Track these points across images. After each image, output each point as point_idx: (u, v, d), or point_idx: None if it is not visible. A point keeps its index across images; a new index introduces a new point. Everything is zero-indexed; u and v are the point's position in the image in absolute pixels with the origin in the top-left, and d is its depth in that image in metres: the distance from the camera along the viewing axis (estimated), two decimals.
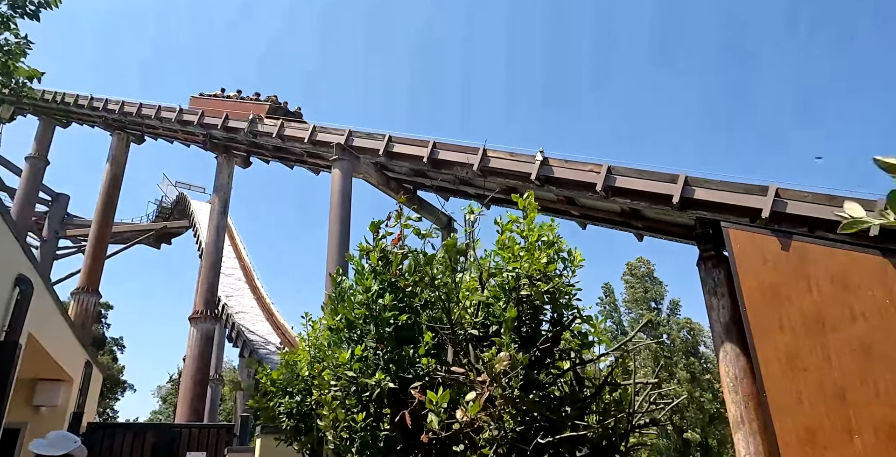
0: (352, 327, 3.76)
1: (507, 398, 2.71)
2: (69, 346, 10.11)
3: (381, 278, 3.75)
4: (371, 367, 3.52)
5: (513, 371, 2.71)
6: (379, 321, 3.57)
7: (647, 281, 45.65)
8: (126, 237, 46.39)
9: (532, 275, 3.13)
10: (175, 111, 27.40)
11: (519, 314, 3.22)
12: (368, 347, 3.60)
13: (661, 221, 16.67)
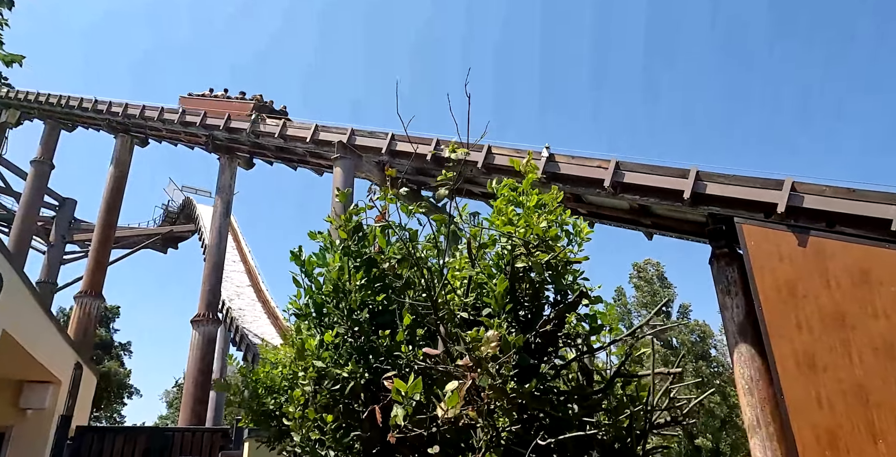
0: (321, 312, 3.29)
1: (497, 390, 2.22)
2: (55, 346, 9.71)
3: (353, 254, 3.27)
4: (344, 356, 3.04)
5: (504, 355, 2.22)
6: (350, 304, 3.09)
7: (656, 283, 44.76)
8: (133, 242, 46.34)
9: (530, 241, 2.65)
10: (178, 113, 27.21)
11: (516, 294, 2.75)
12: (340, 334, 3.12)
13: (671, 217, 16.13)
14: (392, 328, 3.00)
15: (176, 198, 48.26)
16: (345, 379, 2.92)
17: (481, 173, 17.65)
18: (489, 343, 2.20)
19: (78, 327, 25.11)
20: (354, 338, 3.06)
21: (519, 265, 2.70)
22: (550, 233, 2.71)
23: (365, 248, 3.30)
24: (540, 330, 2.72)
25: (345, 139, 20.56)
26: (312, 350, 3.07)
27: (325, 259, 3.30)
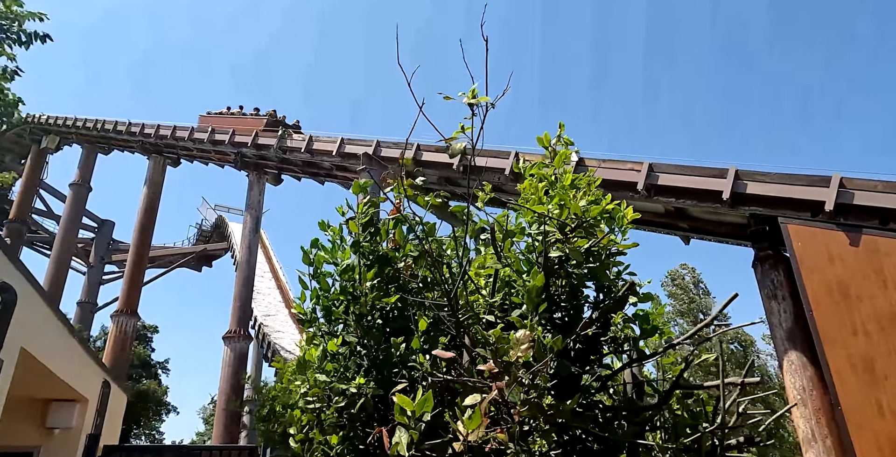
0: (330, 317, 2.91)
1: (532, 406, 1.80)
2: (80, 364, 9.58)
3: (363, 250, 2.89)
4: (352, 369, 2.65)
5: (539, 363, 1.80)
6: (360, 306, 2.70)
7: (693, 290, 42.96)
8: (168, 261, 47.16)
9: (566, 223, 2.23)
10: (206, 132, 27.62)
11: (551, 292, 2.33)
12: (348, 342, 2.73)
13: (709, 220, 15.41)
14: (407, 335, 2.60)
15: (209, 217, 49.08)
16: (353, 395, 2.52)
17: (509, 180, 17.21)
18: (519, 346, 1.78)
19: (115, 345, 25.38)
20: (366, 347, 2.67)
21: (553, 254, 2.27)
22: (592, 212, 2.28)
23: (378, 244, 2.92)
24: (581, 333, 2.28)
25: (370, 151, 20.44)
26: (314, 362, 2.69)
27: (336, 256, 2.93)
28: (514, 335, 1.83)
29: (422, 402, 1.67)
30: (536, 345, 1.82)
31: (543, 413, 1.81)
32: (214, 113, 29.76)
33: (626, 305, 2.45)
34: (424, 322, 2.43)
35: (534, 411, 1.80)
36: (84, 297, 43.04)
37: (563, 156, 2.45)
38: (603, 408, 2.40)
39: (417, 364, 2.34)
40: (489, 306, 2.45)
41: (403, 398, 1.66)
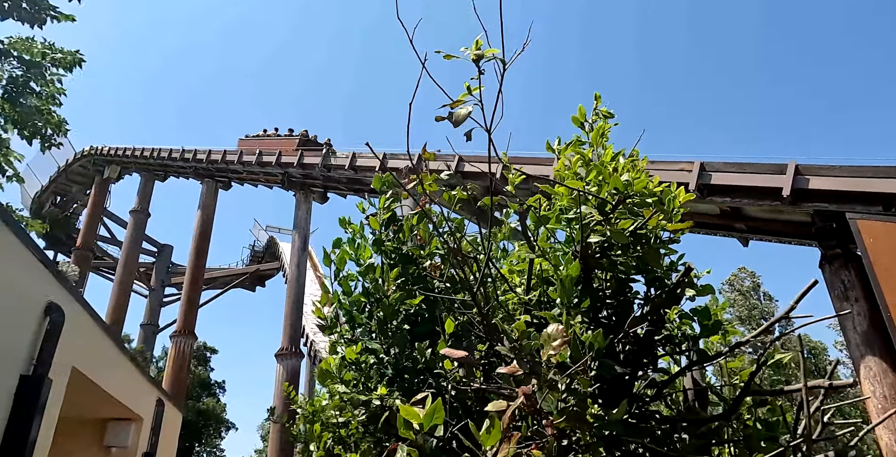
0: (353, 323, 2.69)
1: (572, 416, 1.51)
2: (133, 383, 9.72)
3: (385, 248, 2.68)
4: (374, 378, 2.42)
5: (577, 363, 1.51)
6: (382, 309, 2.48)
7: (753, 295, 40.58)
8: (223, 282, 48.53)
9: (606, 201, 1.93)
10: (254, 155, 28.40)
11: (592, 286, 2.04)
12: (370, 349, 2.50)
13: (769, 219, 14.57)
14: (434, 339, 2.36)
15: (261, 238, 50.35)
16: (376, 407, 2.29)
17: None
18: (550, 343, 1.50)
19: (174, 365, 26.11)
20: (389, 354, 2.44)
21: (593, 240, 1.99)
22: (636, 186, 1.98)
23: (400, 243, 2.71)
24: (630, 332, 1.97)
25: (412, 165, 20.44)
26: (333, 371, 2.48)
27: (356, 253, 2.72)
28: (545, 331, 1.56)
29: (431, 412, 1.37)
30: (573, 342, 1.54)
31: (585, 424, 1.53)
32: (252, 136, 31.08)
33: (682, 299, 2.13)
34: (451, 324, 2.18)
35: (573, 422, 1.51)
36: (147, 319, 44.73)
37: (600, 130, 2.16)
38: (660, 419, 2.08)
39: (443, 371, 2.09)
40: (524, 305, 2.19)
41: (408, 409, 1.39)
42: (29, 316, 5.81)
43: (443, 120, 1.59)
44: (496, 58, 1.55)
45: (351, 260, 2.68)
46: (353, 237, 2.75)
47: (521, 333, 1.55)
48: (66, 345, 6.34)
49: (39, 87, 10.13)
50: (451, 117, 1.57)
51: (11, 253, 5.48)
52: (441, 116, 1.60)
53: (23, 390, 5.63)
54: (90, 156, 38.45)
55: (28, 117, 9.98)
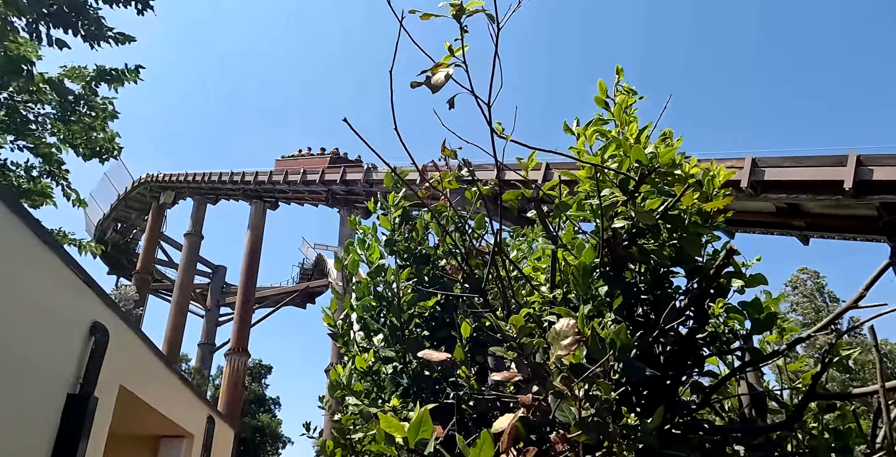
0: (368, 330, 2.52)
1: (592, 427, 1.28)
2: (182, 400, 9.85)
3: (398, 248, 2.50)
4: (387, 389, 2.24)
5: (595, 365, 1.27)
6: (393, 313, 2.30)
7: (818, 298, 38.06)
8: (275, 300, 49.54)
9: (629, 177, 1.69)
10: (299, 174, 28.99)
11: (621, 278, 1.80)
12: (385, 358, 2.32)
13: (830, 215, 13.68)
14: (453, 345, 2.16)
15: (309, 256, 51.25)
16: None
17: None
18: (560, 341, 1.28)
19: (229, 382, 26.65)
20: (404, 362, 2.26)
21: (618, 224, 1.75)
22: (662, 158, 1.73)
23: (414, 243, 2.54)
24: (669, 330, 1.72)
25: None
26: (341, 381, 2.31)
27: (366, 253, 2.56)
28: (553, 328, 1.34)
29: (417, 424, 1.12)
30: (592, 340, 1.31)
31: (609, 437, 1.29)
32: (288, 156, 32.72)
33: (728, 292, 1.87)
34: (467, 327, 1.98)
35: (594, 434, 1.28)
36: (203, 338, 46.06)
37: (623, 104, 1.93)
38: (710, 428, 1.81)
39: (460, 379, 1.89)
40: (549, 304, 1.97)
41: (388, 419, 1.18)
42: (74, 336, 5.92)
43: (419, 86, 1.42)
44: (484, 11, 1.37)
45: (362, 262, 2.53)
46: (364, 238, 2.60)
47: (520, 330, 1.33)
48: (112, 363, 6.43)
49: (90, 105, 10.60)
50: (428, 83, 1.39)
51: (54, 274, 5.61)
52: (417, 82, 1.42)
53: (70, 409, 5.72)
54: (147, 183, 40.19)
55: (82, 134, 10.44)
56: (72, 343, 5.90)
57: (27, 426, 5.15)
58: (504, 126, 1.63)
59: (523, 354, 1.30)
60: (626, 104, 1.91)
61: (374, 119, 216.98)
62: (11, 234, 4.87)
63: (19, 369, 4.94)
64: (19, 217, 4.94)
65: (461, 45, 1.41)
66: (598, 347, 1.32)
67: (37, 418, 5.29)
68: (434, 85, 1.38)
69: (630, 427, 1.36)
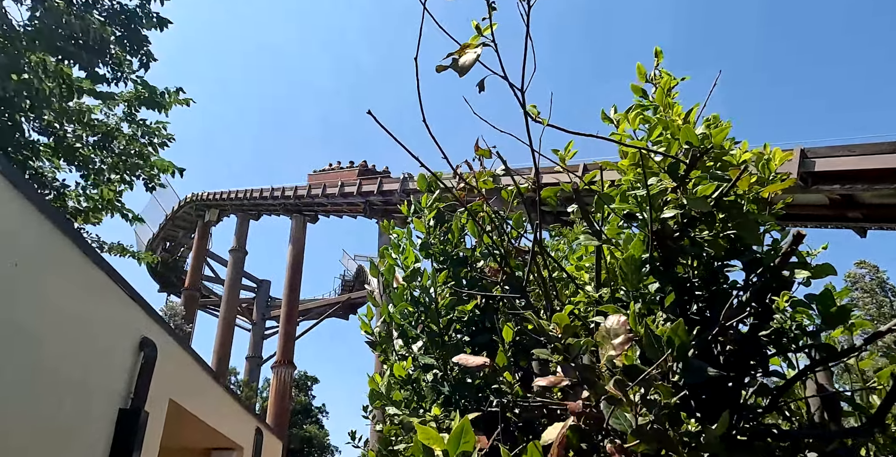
0: (406, 337, 2.43)
1: (651, 435, 1.16)
2: (230, 413, 10.00)
3: (433, 251, 2.42)
4: (428, 398, 2.14)
5: (652, 366, 1.15)
6: (431, 318, 2.20)
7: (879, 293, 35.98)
8: (318, 312, 50.21)
9: (679, 160, 1.56)
10: (337, 186, 29.41)
11: (673, 273, 1.67)
12: (425, 365, 2.23)
13: (889, 205, 12.95)
14: (494, 351, 2.06)
15: (350, 267, 51.79)
16: None
17: None
18: (610, 340, 1.16)
19: (276, 394, 27.04)
20: (443, 369, 2.16)
21: (668, 214, 1.62)
22: (715, 138, 1.59)
23: (450, 245, 2.45)
24: (729, 327, 1.58)
25: None
26: (379, 390, 2.23)
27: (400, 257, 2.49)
28: (602, 326, 1.22)
29: (457, 435, 0.99)
30: (646, 338, 1.19)
31: (670, 445, 1.17)
32: (319, 171, 33.98)
33: (792, 284, 1.71)
34: (510, 331, 1.88)
35: (653, 443, 1.16)
36: (251, 352, 47.00)
37: (665, 86, 1.80)
38: (779, 434, 1.66)
39: (503, 385, 1.79)
40: (595, 305, 1.85)
41: (426, 431, 1.08)
42: (124, 351, 6.07)
43: (445, 70, 1.33)
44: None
45: (397, 267, 2.45)
46: (398, 242, 2.53)
47: (565, 330, 1.21)
48: (161, 378, 6.57)
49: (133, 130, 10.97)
50: (455, 66, 1.31)
51: (104, 291, 5.78)
52: (443, 65, 1.34)
53: (122, 423, 5.86)
54: (192, 202, 41.46)
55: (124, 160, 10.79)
56: (122, 359, 6.04)
57: (82, 441, 5.28)
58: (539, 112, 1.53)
59: (570, 356, 1.20)
60: (668, 87, 1.79)
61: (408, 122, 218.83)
62: (61, 254, 5.03)
63: (72, 386, 5.08)
64: (70, 238, 5.11)
65: (489, 24, 1.33)
66: (654, 346, 1.21)
67: (91, 433, 5.43)
68: (462, 67, 1.30)
69: (692, 434, 1.24)
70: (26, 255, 4.45)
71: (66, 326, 4.98)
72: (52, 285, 4.85)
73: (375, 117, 1.28)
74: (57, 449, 4.81)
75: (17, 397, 4.28)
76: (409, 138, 1.49)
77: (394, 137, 1.27)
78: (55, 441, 4.79)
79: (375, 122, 1.26)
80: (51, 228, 4.76)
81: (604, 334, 1.18)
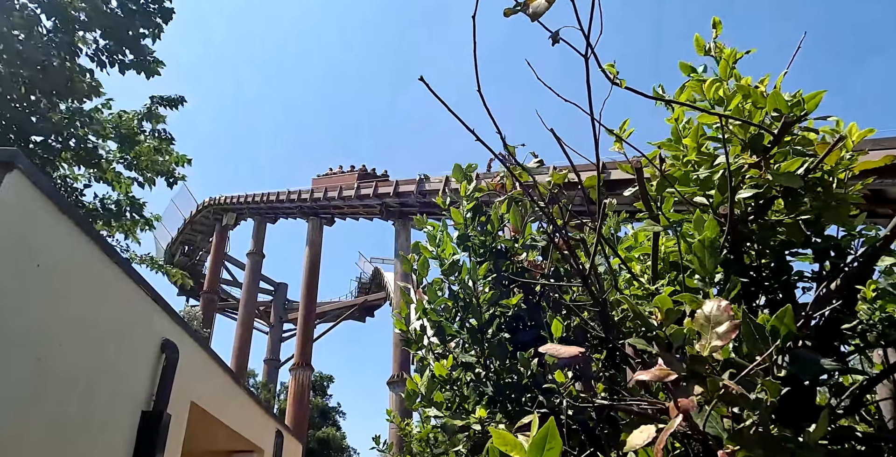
0: (443, 334, 2.29)
1: (754, 440, 1.00)
2: (251, 415, 9.94)
3: (474, 241, 2.27)
4: (471, 398, 2.00)
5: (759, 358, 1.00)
6: (473, 313, 2.06)
7: None
8: (335, 315, 50.32)
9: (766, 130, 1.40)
10: (353, 189, 29.43)
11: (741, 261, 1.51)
12: (464, 363, 2.10)
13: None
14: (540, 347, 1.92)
15: (366, 269, 51.86)
16: (477, 434, 1.86)
17: None
18: (711, 328, 1.01)
19: (294, 396, 27.06)
20: (487, 368, 2.03)
21: (745, 194, 1.45)
22: (808, 104, 1.42)
23: (489, 236, 2.31)
24: (811, 315, 1.42)
25: None
26: (419, 391, 2.09)
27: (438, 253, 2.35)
28: (699, 312, 1.07)
29: (541, 441, 0.86)
30: (745, 327, 1.04)
31: (778, 450, 1.01)
32: (322, 175, 35.21)
33: (873, 274, 1.55)
34: (559, 325, 1.74)
35: (757, 448, 1.00)
36: (269, 354, 47.20)
37: (730, 57, 1.64)
38: (865, 437, 1.50)
39: (554, 386, 1.64)
40: (649, 298, 1.70)
41: (504, 435, 0.94)
42: (146, 354, 6.02)
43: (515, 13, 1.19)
44: None
45: (433, 259, 2.31)
46: (434, 234, 2.40)
47: (667, 314, 1.06)
48: (183, 380, 6.51)
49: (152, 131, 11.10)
50: (525, 8, 1.17)
51: (126, 293, 5.73)
52: (511, 9, 1.20)
53: (145, 425, 5.80)
54: (210, 206, 41.78)
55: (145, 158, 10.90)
56: (144, 361, 5.99)
57: (106, 443, 5.23)
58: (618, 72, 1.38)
59: (671, 346, 1.05)
60: (732, 58, 1.64)
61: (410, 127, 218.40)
62: (83, 254, 4.98)
63: (95, 387, 5.02)
64: (91, 238, 5.06)
65: None
66: (754, 336, 1.06)
67: (114, 435, 5.37)
68: (534, 12, 1.16)
69: (787, 438, 1.09)
70: (48, 256, 4.40)
71: (88, 327, 4.92)
72: (74, 286, 4.80)
73: (428, 84, 1.16)
74: (80, 451, 4.75)
75: (40, 398, 4.22)
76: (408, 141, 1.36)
77: (446, 105, 1.14)
78: (78, 443, 4.72)
79: (428, 89, 1.14)
80: (72, 229, 4.71)
81: (702, 322, 1.03)
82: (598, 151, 1.35)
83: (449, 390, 2.07)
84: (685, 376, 0.96)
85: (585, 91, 1.25)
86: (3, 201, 3.85)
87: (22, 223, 4.13)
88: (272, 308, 50.74)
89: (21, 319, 4.02)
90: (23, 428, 3.97)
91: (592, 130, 1.29)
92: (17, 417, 3.93)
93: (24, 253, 4.12)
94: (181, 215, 44.64)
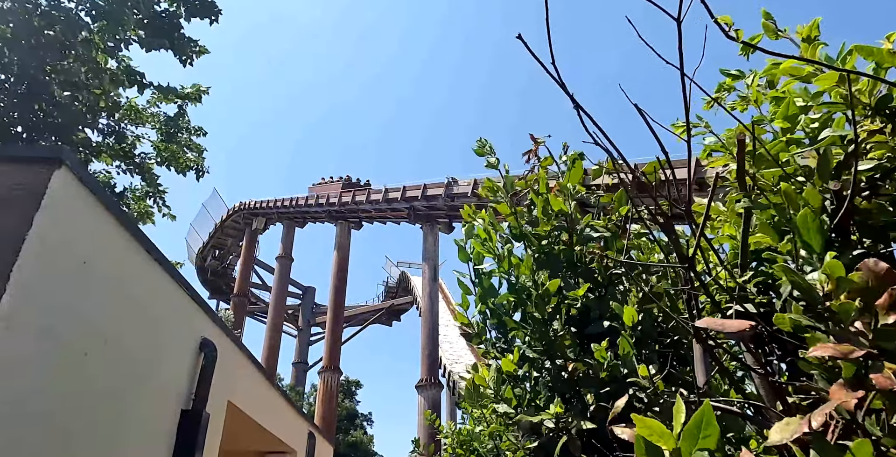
0: (505, 328, 2.19)
1: None
2: (285, 417, 9.95)
3: (538, 230, 2.16)
4: (542, 394, 1.89)
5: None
6: (537, 307, 1.95)
7: None
8: (362, 318, 50.52)
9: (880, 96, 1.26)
10: (381, 192, 29.56)
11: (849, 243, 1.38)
12: (530, 358, 1.98)
13: None
14: (612, 340, 1.81)
15: (393, 274, 51.98)
16: (550, 431, 1.75)
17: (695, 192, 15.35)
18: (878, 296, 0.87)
19: (323, 399, 27.19)
20: (554, 362, 1.92)
21: (866, 166, 1.31)
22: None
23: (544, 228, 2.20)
24: None
25: None
26: (487, 386, 1.98)
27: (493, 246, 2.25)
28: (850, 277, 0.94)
29: (695, 428, 0.74)
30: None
31: None
32: (317, 184, 39.48)
33: None
34: (632, 312, 1.62)
35: None
36: (297, 358, 47.60)
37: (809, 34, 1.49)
38: None
39: (638, 379, 1.53)
40: (738, 289, 1.58)
41: (648, 423, 0.83)
42: (185, 353, 6.04)
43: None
44: None
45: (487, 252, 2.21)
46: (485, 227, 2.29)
47: (840, 283, 0.93)
48: (220, 380, 6.51)
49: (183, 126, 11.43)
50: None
51: (166, 291, 5.76)
52: None
53: (184, 424, 5.81)
54: (240, 211, 42.41)
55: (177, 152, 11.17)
56: (183, 359, 6.00)
57: (147, 442, 5.24)
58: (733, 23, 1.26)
59: (844, 321, 0.92)
60: (810, 33, 1.49)
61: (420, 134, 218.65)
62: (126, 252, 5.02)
63: (139, 386, 5.04)
64: (134, 236, 5.10)
65: None
66: None
67: (156, 434, 5.38)
68: None
69: None
70: (94, 253, 4.44)
71: (131, 324, 4.95)
72: (118, 283, 4.83)
73: (525, 41, 1.07)
74: (123, 448, 4.77)
75: (88, 395, 4.25)
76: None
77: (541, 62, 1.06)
78: (122, 440, 4.74)
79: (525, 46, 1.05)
80: (117, 227, 4.74)
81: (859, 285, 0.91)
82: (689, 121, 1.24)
83: (520, 387, 1.97)
84: (875, 353, 0.83)
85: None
86: (52, 198, 3.88)
87: (70, 220, 4.16)
88: (300, 311, 51.16)
89: (68, 316, 4.05)
90: (70, 425, 3.99)
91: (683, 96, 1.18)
92: (67, 413, 3.95)
93: (72, 250, 4.16)
94: (212, 220, 45.38)
